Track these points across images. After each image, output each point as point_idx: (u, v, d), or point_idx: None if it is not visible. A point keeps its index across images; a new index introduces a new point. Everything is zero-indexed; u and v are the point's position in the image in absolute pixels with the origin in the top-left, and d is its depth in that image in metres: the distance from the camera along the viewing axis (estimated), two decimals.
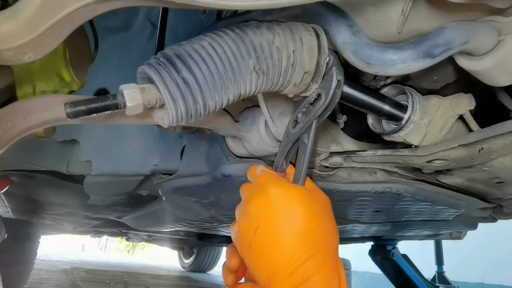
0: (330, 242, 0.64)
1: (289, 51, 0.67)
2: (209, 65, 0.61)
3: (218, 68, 0.61)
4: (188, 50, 0.61)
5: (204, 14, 1.11)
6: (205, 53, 0.61)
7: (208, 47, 0.62)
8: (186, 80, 0.59)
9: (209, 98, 0.61)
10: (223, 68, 0.61)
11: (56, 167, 1.35)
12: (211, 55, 0.61)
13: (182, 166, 1.25)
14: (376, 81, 0.96)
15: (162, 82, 0.58)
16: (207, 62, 0.61)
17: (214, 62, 0.61)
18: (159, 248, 8.89)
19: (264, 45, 0.65)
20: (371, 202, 1.27)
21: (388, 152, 0.97)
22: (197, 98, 0.60)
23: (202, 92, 0.60)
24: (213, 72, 0.61)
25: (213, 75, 0.61)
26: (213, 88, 0.61)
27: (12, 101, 0.66)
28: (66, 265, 5.29)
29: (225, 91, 0.62)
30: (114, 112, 0.56)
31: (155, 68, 0.59)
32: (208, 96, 0.61)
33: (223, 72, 0.61)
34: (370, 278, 5.68)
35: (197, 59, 0.60)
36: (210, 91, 0.61)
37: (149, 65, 0.59)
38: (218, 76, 0.61)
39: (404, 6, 0.68)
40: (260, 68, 0.64)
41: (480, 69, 0.69)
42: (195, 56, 0.60)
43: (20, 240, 2.66)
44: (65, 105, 0.54)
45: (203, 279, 5.47)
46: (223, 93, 0.63)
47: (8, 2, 0.51)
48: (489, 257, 4.52)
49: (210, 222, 1.85)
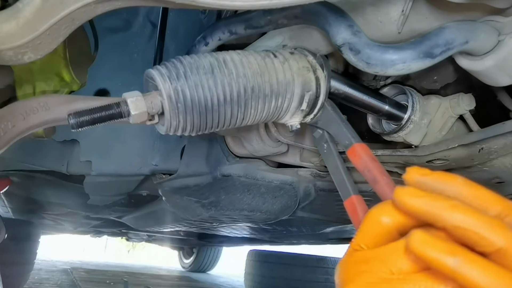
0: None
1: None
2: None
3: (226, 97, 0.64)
4: (197, 66, 0.62)
5: (204, 14, 1.11)
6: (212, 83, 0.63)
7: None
8: (191, 98, 0.60)
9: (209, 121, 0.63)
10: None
11: (56, 167, 1.35)
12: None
13: (182, 166, 1.25)
14: (376, 81, 0.96)
15: (172, 109, 0.59)
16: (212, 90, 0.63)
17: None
18: (159, 248, 8.88)
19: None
20: (371, 202, 1.26)
21: (388, 152, 0.97)
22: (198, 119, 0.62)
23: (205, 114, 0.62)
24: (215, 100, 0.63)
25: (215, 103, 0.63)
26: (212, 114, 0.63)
27: (12, 101, 0.66)
28: (66, 265, 5.29)
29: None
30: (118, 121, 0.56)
31: (163, 76, 0.60)
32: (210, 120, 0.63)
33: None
34: None
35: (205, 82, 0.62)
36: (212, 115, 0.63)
37: (163, 80, 0.60)
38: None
39: (404, 6, 0.68)
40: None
41: (480, 69, 0.69)
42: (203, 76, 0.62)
43: (20, 240, 2.66)
44: (69, 116, 0.54)
45: (203, 279, 5.47)
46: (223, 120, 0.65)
47: (8, 2, 0.51)
48: None
49: (210, 222, 1.85)
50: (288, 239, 2.86)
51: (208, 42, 0.84)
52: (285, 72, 0.69)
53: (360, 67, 0.68)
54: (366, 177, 0.65)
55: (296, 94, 0.70)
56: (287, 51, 0.73)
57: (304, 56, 0.74)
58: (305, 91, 0.71)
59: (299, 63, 0.72)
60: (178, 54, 0.65)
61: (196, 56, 0.64)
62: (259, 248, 4.07)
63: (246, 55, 0.67)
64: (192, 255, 6.29)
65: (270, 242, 3.36)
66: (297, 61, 0.71)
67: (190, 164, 1.24)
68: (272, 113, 0.70)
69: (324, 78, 0.73)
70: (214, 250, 6.11)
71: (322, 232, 2.09)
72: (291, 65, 0.70)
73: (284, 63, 0.70)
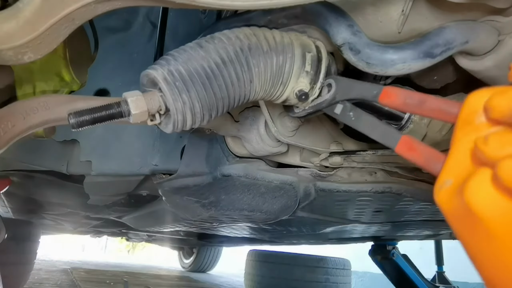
0: None
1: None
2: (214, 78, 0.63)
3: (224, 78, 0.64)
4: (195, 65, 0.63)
5: (204, 14, 1.11)
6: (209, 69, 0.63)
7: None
8: (193, 89, 0.60)
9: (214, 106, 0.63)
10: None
11: (56, 167, 1.35)
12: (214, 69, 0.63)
13: (182, 166, 1.26)
14: (376, 81, 0.96)
15: (170, 90, 0.58)
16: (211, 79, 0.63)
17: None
18: (159, 248, 8.89)
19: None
20: (371, 202, 1.27)
21: (388, 152, 0.97)
22: (201, 107, 0.62)
23: (208, 100, 0.62)
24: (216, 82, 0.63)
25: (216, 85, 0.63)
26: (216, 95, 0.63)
27: (12, 101, 0.66)
28: (66, 265, 5.29)
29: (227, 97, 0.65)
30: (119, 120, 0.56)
31: (155, 69, 0.60)
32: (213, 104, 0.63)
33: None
34: (370, 278, 5.68)
35: (202, 73, 0.62)
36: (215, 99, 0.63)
37: (155, 70, 0.60)
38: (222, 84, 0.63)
39: (404, 6, 0.68)
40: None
41: (480, 69, 0.69)
42: (201, 70, 0.62)
43: (20, 240, 2.66)
44: (69, 115, 0.54)
45: (203, 279, 5.47)
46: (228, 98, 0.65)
47: (8, 2, 0.51)
48: None
49: (210, 222, 1.85)
50: (288, 239, 2.86)
51: None
52: (283, 35, 0.71)
53: (360, 67, 0.68)
54: (409, 107, 0.60)
55: (297, 54, 0.71)
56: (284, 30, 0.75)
57: (301, 34, 0.76)
58: (306, 51, 0.72)
59: (297, 35, 0.74)
60: None
61: (182, 46, 0.66)
62: (259, 248, 4.07)
63: (237, 29, 0.69)
64: (192, 255, 6.30)
65: (270, 242, 3.36)
66: (294, 34, 0.74)
67: (190, 164, 1.24)
68: (276, 73, 0.70)
69: (324, 47, 0.74)
70: (214, 250, 6.11)
71: (322, 232, 2.09)
72: (289, 34, 0.73)
73: (279, 31, 0.72)
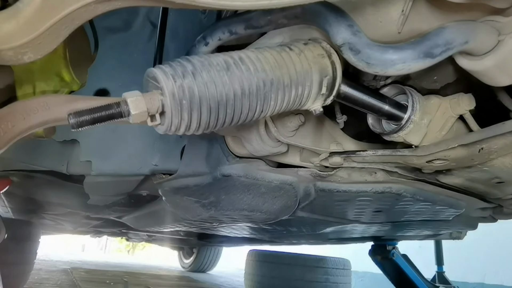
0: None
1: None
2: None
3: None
4: (202, 66, 0.63)
5: (204, 14, 1.11)
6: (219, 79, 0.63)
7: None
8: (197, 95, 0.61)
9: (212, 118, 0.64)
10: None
11: (56, 167, 1.35)
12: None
13: (182, 166, 1.25)
14: (376, 81, 0.96)
15: (173, 106, 0.59)
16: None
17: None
18: (159, 248, 8.88)
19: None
20: (371, 202, 1.26)
21: (388, 152, 0.97)
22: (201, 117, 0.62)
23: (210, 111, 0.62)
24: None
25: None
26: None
27: (12, 101, 0.66)
28: (66, 265, 5.29)
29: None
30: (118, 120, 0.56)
31: (166, 74, 0.60)
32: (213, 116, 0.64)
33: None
34: (370, 278, 5.68)
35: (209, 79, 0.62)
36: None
37: (166, 76, 0.60)
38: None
39: (404, 6, 0.68)
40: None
41: (480, 69, 0.69)
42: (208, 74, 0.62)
43: (20, 240, 2.66)
44: (69, 115, 0.54)
45: (203, 279, 5.46)
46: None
47: (8, 2, 0.51)
48: (489, 257, 4.52)
49: (210, 222, 1.85)
50: (288, 239, 2.86)
51: (208, 42, 0.84)
52: (302, 62, 0.71)
53: (360, 67, 0.68)
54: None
55: (315, 80, 0.72)
56: (301, 43, 0.75)
57: (318, 44, 0.76)
58: (323, 76, 0.73)
59: (314, 52, 0.74)
60: (178, 54, 0.65)
61: (207, 56, 0.65)
62: (259, 248, 4.07)
63: (262, 52, 0.69)
64: (192, 255, 6.29)
65: (270, 242, 3.36)
66: (311, 50, 0.74)
67: (190, 164, 1.24)
68: (293, 102, 0.72)
69: (339, 61, 0.75)
70: (214, 250, 6.10)
71: (322, 232, 2.09)
72: (307, 55, 0.73)
73: (300, 54, 0.72)
